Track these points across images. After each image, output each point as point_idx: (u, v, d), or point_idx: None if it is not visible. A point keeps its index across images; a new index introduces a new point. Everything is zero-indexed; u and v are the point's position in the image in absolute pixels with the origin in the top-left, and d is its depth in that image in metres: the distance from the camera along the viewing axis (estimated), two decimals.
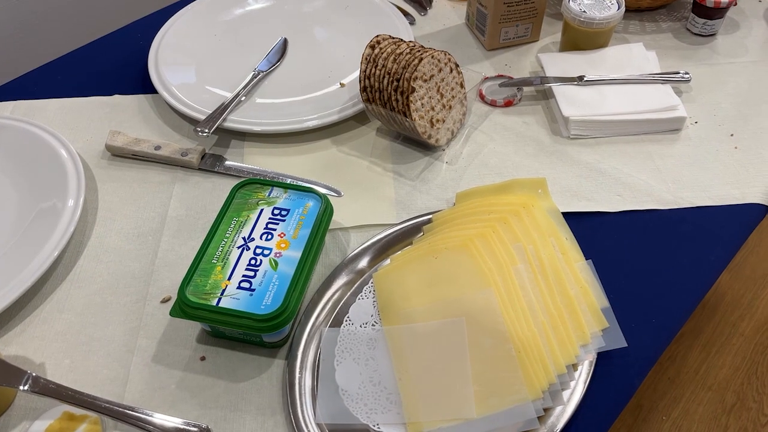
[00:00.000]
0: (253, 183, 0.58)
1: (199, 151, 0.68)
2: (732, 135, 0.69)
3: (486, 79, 0.77)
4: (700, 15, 0.80)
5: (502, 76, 0.78)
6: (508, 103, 0.74)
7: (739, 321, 1.41)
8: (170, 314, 0.50)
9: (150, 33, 0.83)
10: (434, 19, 0.88)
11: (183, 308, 0.50)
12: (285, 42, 0.82)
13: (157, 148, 0.68)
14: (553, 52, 0.81)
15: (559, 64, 0.76)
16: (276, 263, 0.52)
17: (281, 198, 0.57)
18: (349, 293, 0.56)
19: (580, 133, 0.70)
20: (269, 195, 0.57)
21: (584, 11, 0.74)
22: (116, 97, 0.77)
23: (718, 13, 0.79)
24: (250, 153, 0.70)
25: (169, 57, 0.78)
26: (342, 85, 0.75)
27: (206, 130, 0.68)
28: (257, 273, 0.51)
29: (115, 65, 0.81)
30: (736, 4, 0.79)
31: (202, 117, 0.70)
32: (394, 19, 0.83)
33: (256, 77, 0.76)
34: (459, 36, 0.85)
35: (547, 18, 0.86)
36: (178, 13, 0.85)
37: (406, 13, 0.87)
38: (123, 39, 0.85)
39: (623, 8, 0.74)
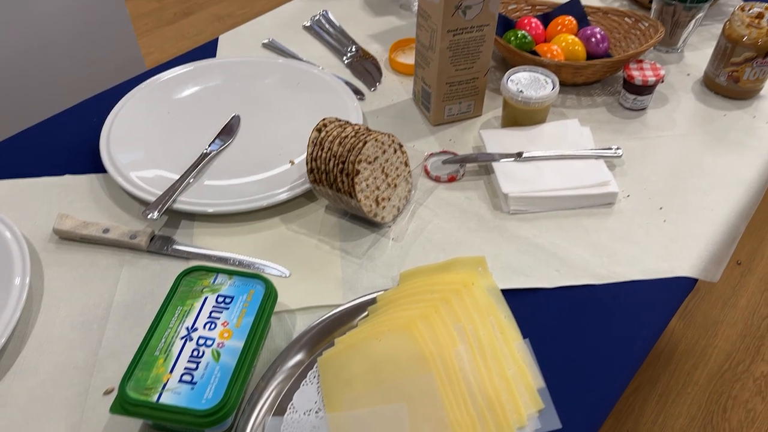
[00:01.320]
0: (199, 270, 0.59)
1: (148, 234, 0.69)
2: (661, 208, 0.73)
3: (431, 155, 0.80)
4: (631, 91, 0.85)
5: (446, 151, 0.81)
6: (452, 179, 0.77)
7: (693, 369, 1.44)
8: (110, 411, 0.50)
9: (104, 110, 0.84)
10: (383, 94, 0.91)
11: (123, 405, 0.50)
12: (237, 119, 0.84)
13: (106, 231, 0.69)
14: (494, 126, 0.85)
15: (499, 140, 0.79)
16: (218, 354, 0.53)
17: (226, 285, 0.58)
18: (293, 379, 0.57)
19: (520, 208, 0.73)
20: (214, 282, 0.58)
21: (521, 91, 0.79)
22: (67, 177, 0.77)
23: (646, 89, 0.84)
24: (199, 233, 0.71)
25: (121, 136, 0.80)
26: (292, 162, 0.78)
27: (154, 214, 0.69)
28: (199, 365, 0.52)
29: (68, 144, 0.82)
30: (663, 81, 0.84)
31: (152, 198, 0.71)
32: (344, 96, 0.87)
33: (207, 156, 0.77)
34: (406, 111, 0.88)
35: (489, 93, 0.90)
36: (132, 90, 0.87)
37: (356, 89, 0.91)
38: (77, 117, 0.86)
39: (557, 87, 0.79)
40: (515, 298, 0.63)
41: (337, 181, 0.68)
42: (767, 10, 0.85)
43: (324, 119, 0.71)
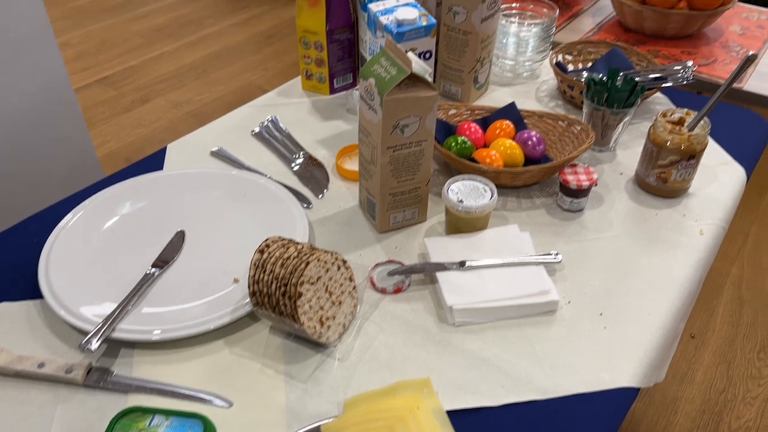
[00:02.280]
0: (134, 411, 0.57)
1: (85, 366, 0.67)
2: (601, 314, 0.75)
3: (376, 265, 0.81)
4: (567, 194, 0.89)
5: (392, 261, 0.82)
6: (398, 290, 0.78)
7: None
8: None
9: (46, 229, 0.83)
10: (330, 201, 0.93)
11: None
12: (181, 235, 0.84)
13: (41, 365, 0.67)
14: (439, 232, 0.87)
15: (443, 248, 0.81)
16: None
17: (162, 427, 0.56)
18: None
19: (464, 320, 0.74)
20: (150, 424, 0.57)
21: (461, 201, 0.81)
22: (3, 304, 0.75)
23: (582, 192, 0.88)
24: (139, 362, 0.69)
25: (61, 258, 0.79)
26: (236, 281, 0.77)
27: (92, 346, 0.67)
28: None
29: (6, 267, 0.80)
30: (596, 185, 0.88)
31: (90, 328, 0.69)
32: (291, 206, 0.88)
33: (149, 278, 0.77)
34: (353, 218, 0.90)
35: (434, 197, 0.93)
36: (75, 209, 0.86)
37: (303, 198, 0.92)
38: (16, 237, 0.85)
39: (496, 196, 0.82)
40: (461, 419, 0.63)
41: (280, 304, 0.68)
42: (687, 115, 0.91)
43: (267, 240, 0.72)
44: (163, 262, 0.80)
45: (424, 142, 0.80)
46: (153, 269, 0.78)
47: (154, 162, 1.00)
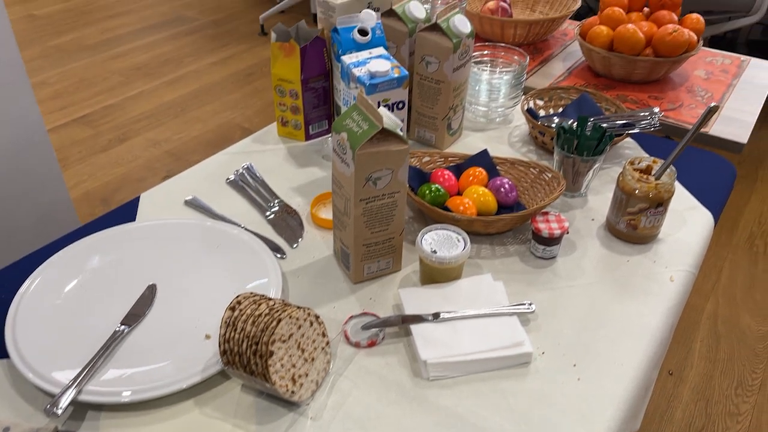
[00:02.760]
0: None
1: (51, 430, 0.65)
2: (575, 365, 0.75)
3: (351, 318, 0.81)
4: (539, 242, 0.90)
5: (366, 313, 0.82)
6: (372, 344, 0.78)
7: None
8: None
9: (14, 284, 0.82)
10: (305, 250, 0.93)
11: None
12: (153, 289, 0.83)
13: (6, 430, 0.65)
14: (413, 281, 0.87)
15: (417, 299, 0.81)
16: None
17: None
18: None
19: (439, 374, 0.73)
20: None
21: (435, 251, 0.81)
22: None
23: (553, 240, 0.89)
24: (106, 425, 0.67)
25: (28, 316, 0.77)
26: (208, 337, 0.76)
27: (58, 409, 0.65)
28: None
29: None
30: (568, 233, 0.89)
31: (56, 390, 0.68)
32: (264, 257, 0.87)
33: (118, 336, 0.75)
34: (328, 268, 0.89)
35: (408, 245, 0.93)
36: (44, 263, 0.85)
37: (277, 248, 0.92)
38: None
39: (469, 245, 0.82)
40: None
41: (251, 363, 0.67)
42: (654, 163, 0.93)
43: (238, 296, 0.71)
44: (133, 317, 0.78)
45: (396, 194, 0.81)
46: (122, 326, 0.77)
47: (127, 212, 0.99)
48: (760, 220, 2.21)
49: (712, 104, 0.87)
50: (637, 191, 0.89)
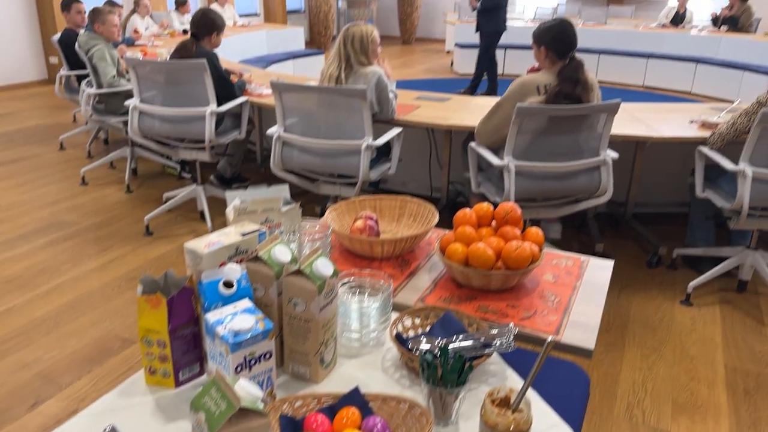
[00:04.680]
0: None
1: None
2: None
3: None
4: None
5: None
6: None
7: None
8: None
9: None
10: None
11: None
12: None
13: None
14: None
15: None
16: None
17: None
18: None
19: None
20: None
21: None
22: None
23: None
24: None
25: None
26: None
27: None
28: None
29: None
30: None
31: None
32: None
33: None
34: None
35: None
36: None
37: None
38: None
39: None
40: None
41: None
42: (512, 392, 0.99)
43: None
44: None
45: None
46: None
47: None
48: (634, 389, 2.35)
49: (549, 338, 0.96)
50: (498, 425, 0.94)
